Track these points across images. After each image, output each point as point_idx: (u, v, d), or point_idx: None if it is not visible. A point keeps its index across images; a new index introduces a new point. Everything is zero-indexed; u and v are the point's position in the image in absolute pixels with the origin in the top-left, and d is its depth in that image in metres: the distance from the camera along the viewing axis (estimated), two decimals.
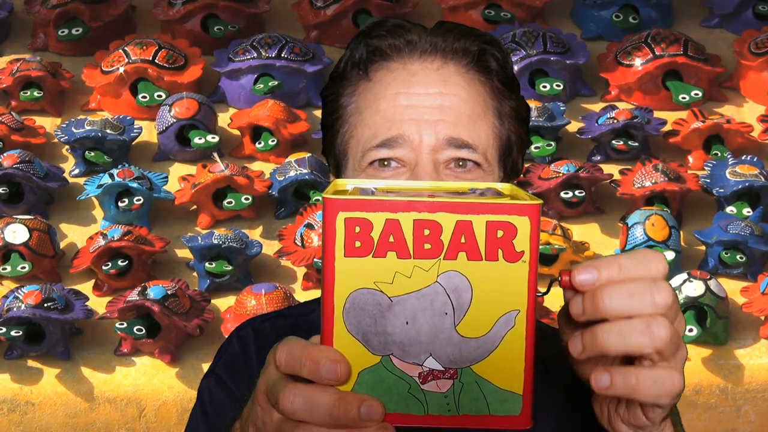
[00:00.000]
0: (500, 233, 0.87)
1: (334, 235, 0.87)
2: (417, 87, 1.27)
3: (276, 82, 4.17)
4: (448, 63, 1.29)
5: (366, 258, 0.87)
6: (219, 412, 1.31)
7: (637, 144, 4.03)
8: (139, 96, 4.18)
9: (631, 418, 0.95)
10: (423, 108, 1.26)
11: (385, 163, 1.26)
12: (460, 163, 1.26)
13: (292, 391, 0.88)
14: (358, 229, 0.87)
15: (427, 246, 0.87)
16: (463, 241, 0.87)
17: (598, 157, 4.08)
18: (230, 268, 3.59)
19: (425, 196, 0.89)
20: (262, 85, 4.18)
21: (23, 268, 3.59)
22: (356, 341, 0.88)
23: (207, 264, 3.61)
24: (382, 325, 0.88)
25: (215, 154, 3.91)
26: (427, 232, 0.87)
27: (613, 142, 4.03)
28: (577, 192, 3.85)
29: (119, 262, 3.59)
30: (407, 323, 0.88)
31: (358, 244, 0.87)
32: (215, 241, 3.60)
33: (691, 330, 3.42)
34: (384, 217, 0.87)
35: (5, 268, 3.59)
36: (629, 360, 0.92)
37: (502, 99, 1.31)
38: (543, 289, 0.96)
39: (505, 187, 1.03)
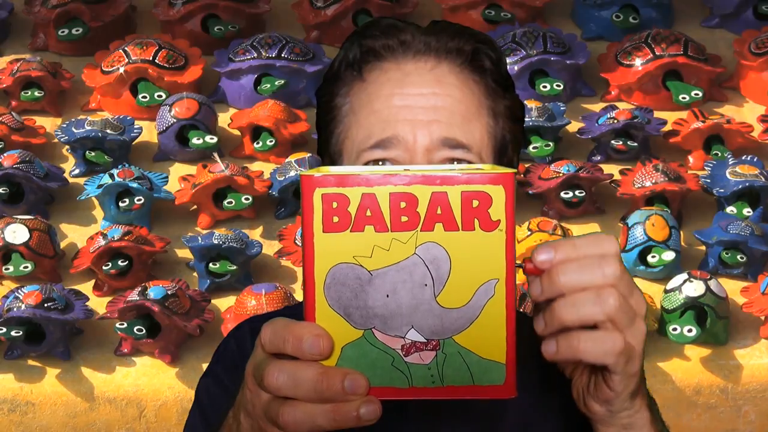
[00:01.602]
0: (476, 203, 0.89)
1: (312, 212, 0.88)
2: (411, 87, 1.27)
3: (281, 82, 4.17)
4: (442, 63, 1.29)
5: (344, 233, 0.88)
6: (217, 411, 1.31)
7: (637, 144, 4.03)
8: (140, 96, 4.18)
9: (598, 392, 1.01)
10: (417, 108, 1.26)
11: (380, 163, 1.26)
12: (455, 163, 1.26)
13: (276, 367, 0.89)
14: (335, 204, 0.88)
15: (404, 218, 0.88)
16: (439, 212, 0.88)
17: (599, 157, 4.08)
18: (234, 267, 3.59)
19: (402, 169, 0.91)
20: (268, 85, 4.18)
21: (26, 267, 3.59)
22: (338, 316, 0.89)
23: (210, 264, 3.61)
24: (363, 299, 0.89)
25: (215, 155, 3.91)
26: (403, 204, 0.88)
27: (613, 142, 4.03)
28: (577, 192, 3.85)
29: (119, 262, 3.59)
30: (388, 296, 0.89)
31: (335, 219, 0.88)
32: (215, 241, 3.60)
33: (690, 330, 3.42)
34: (360, 191, 0.88)
35: (7, 269, 3.59)
36: None
37: (497, 98, 1.31)
38: (519, 262, 0.97)
39: (486, 166, 1.05)
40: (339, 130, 1.31)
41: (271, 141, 4.02)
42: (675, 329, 3.43)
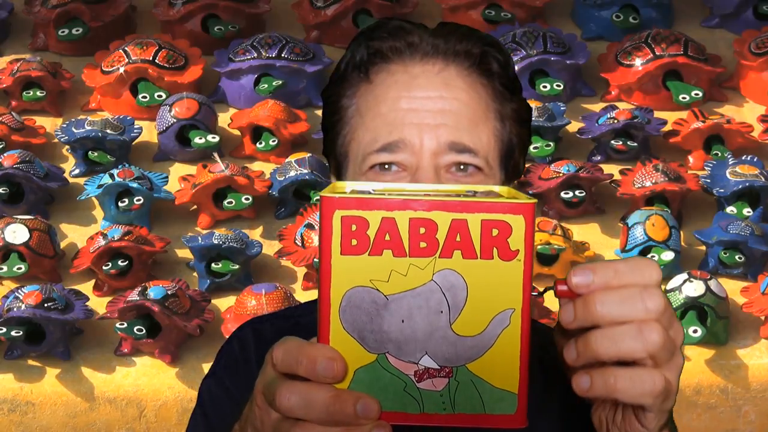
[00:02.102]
0: (495, 232, 0.88)
1: (331, 233, 0.88)
2: (418, 90, 1.26)
3: (280, 82, 4.18)
4: (450, 65, 1.28)
5: (362, 256, 0.88)
6: (219, 413, 1.31)
7: (637, 144, 4.03)
8: (140, 96, 4.18)
9: (627, 425, 0.96)
10: (424, 112, 1.25)
11: (386, 167, 1.26)
12: (462, 167, 1.25)
13: (288, 388, 0.88)
14: (354, 227, 0.87)
15: (422, 244, 0.88)
16: (458, 239, 0.88)
17: (599, 157, 4.08)
18: (236, 267, 3.59)
19: (421, 196, 0.90)
20: (266, 85, 4.19)
21: (19, 269, 3.58)
22: (352, 339, 0.89)
23: (213, 264, 3.61)
24: (378, 324, 0.88)
25: (215, 154, 3.92)
26: (422, 230, 0.88)
27: (613, 142, 4.04)
28: (577, 192, 3.85)
29: (119, 262, 3.59)
30: (403, 321, 0.88)
31: (354, 242, 0.87)
32: (215, 241, 3.60)
33: (695, 331, 3.41)
34: (380, 215, 0.87)
35: (1, 269, 3.59)
36: None
37: (504, 101, 1.30)
38: (541, 288, 0.96)
39: (503, 189, 1.03)
40: (345, 132, 1.31)
41: (273, 141, 4.03)
42: None
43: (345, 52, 1.34)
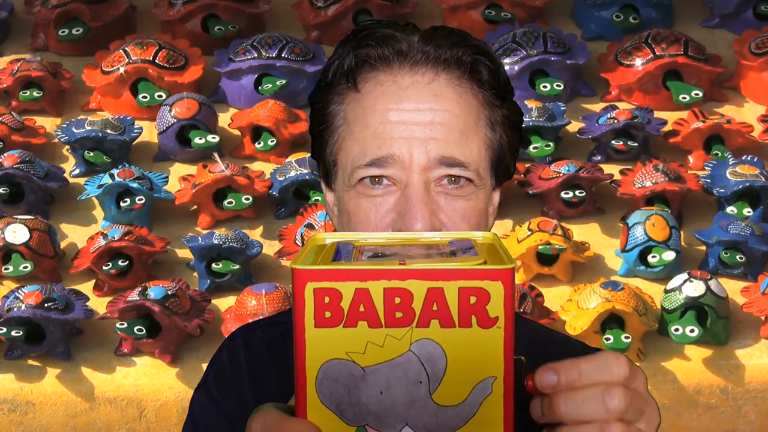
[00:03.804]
0: (473, 299, 0.85)
1: (304, 306, 0.85)
2: (407, 102, 1.23)
3: (283, 82, 4.18)
4: (440, 75, 1.25)
5: (337, 328, 0.85)
6: (208, 426, 1.31)
7: (637, 144, 4.03)
8: (140, 96, 4.18)
9: None
10: (413, 125, 1.22)
11: (376, 180, 1.24)
12: (453, 180, 1.23)
13: None
14: (327, 299, 0.85)
15: (398, 314, 0.85)
16: (435, 308, 0.85)
17: (599, 157, 4.08)
18: (236, 267, 3.59)
19: (396, 261, 0.87)
20: (269, 85, 4.19)
21: (25, 267, 3.59)
22: (330, 413, 0.87)
23: (213, 264, 3.61)
24: (356, 396, 0.86)
25: (215, 155, 3.92)
26: (398, 300, 0.85)
27: (614, 142, 4.03)
28: (577, 192, 3.85)
29: (120, 262, 3.59)
30: (381, 393, 0.86)
31: (328, 314, 0.85)
32: (216, 242, 3.60)
33: (692, 330, 3.42)
34: (353, 286, 0.85)
35: (6, 269, 3.59)
36: None
37: (495, 107, 1.28)
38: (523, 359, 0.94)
39: (486, 236, 1.01)
40: (333, 140, 1.29)
41: (273, 141, 4.03)
42: (677, 329, 3.43)
43: (332, 55, 1.31)
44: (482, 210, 1.26)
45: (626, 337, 3.37)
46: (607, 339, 3.37)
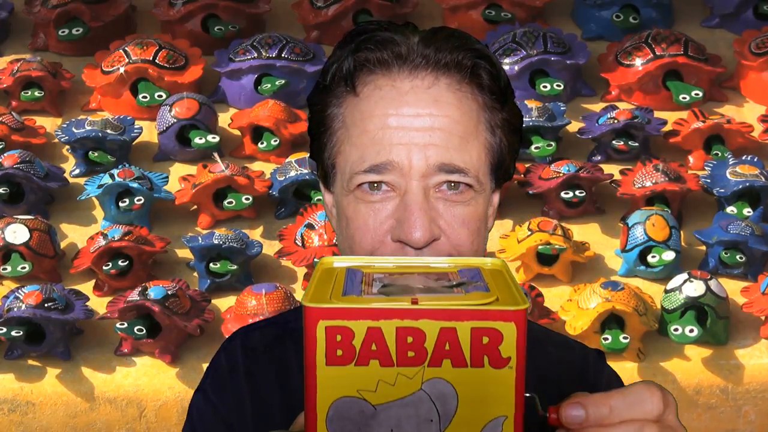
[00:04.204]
0: (485, 339, 0.85)
1: (315, 344, 0.85)
2: (407, 108, 1.21)
3: (283, 81, 4.18)
4: (440, 79, 1.23)
5: (348, 366, 0.85)
6: (206, 430, 1.31)
7: (637, 144, 4.03)
8: (140, 96, 4.18)
9: None
10: (413, 131, 1.21)
11: (375, 185, 1.22)
12: (452, 185, 1.22)
13: None
14: (339, 337, 0.85)
15: (410, 354, 0.85)
16: (447, 348, 0.85)
17: (599, 157, 4.08)
18: (235, 267, 3.59)
19: (408, 298, 0.87)
20: (269, 85, 4.19)
21: (23, 268, 3.59)
22: None
23: (213, 264, 3.61)
24: None
25: (215, 154, 3.92)
26: (410, 339, 0.85)
27: (614, 142, 4.03)
28: (577, 192, 3.85)
29: (120, 262, 3.59)
30: (392, 431, 0.86)
31: (339, 352, 0.85)
32: (216, 242, 3.60)
33: (692, 330, 3.42)
34: (366, 325, 0.85)
35: (6, 269, 3.59)
36: None
37: (495, 111, 1.26)
38: (532, 395, 0.93)
39: (495, 263, 1.00)
40: (332, 144, 1.27)
41: (275, 141, 4.03)
42: (677, 329, 3.43)
43: (330, 56, 1.30)
44: (481, 215, 1.26)
45: (624, 338, 3.37)
46: (606, 339, 3.37)
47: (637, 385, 0.87)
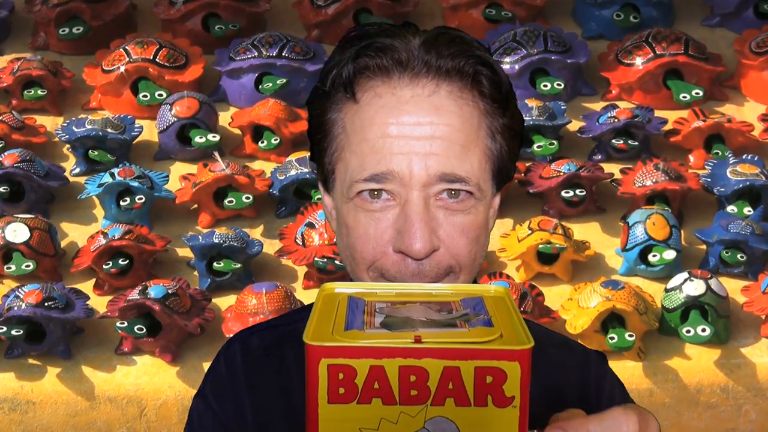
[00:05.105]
0: (489, 378, 0.85)
1: (317, 382, 0.85)
2: (407, 116, 1.20)
3: (284, 80, 4.18)
4: (441, 86, 1.21)
5: (350, 404, 0.85)
6: None
7: (637, 143, 4.03)
8: (140, 95, 4.18)
9: None
10: (413, 140, 1.19)
11: (375, 193, 1.22)
12: (452, 193, 1.22)
13: None
14: (341, 375, 0.85)
15: (413, 392, 0.85)
16: (450, 387, 0.85)
17: (599, 156, 4.08)
18: (238, 266, 3.59)
19: (411, 334, 0.87)
20: (270, 84, 4.19)
21: (27, 266, 3.59)
22: None
23: (213, 263, 3.61)
24: None
25: (216, 153, 3.92)
26: (413, 378, 0.85)
27: (614, 141, 4.03)
28: (577, 191, 3.85)
29: (120, 261, 3.59)
30: None
31: (341, 390, 0.85)
32: (216, 240, 3.60)
33: (704, 330, 3.40)
34: (368, 363, 0.84)
35: (9, 267, 3.59)
36: None
37: (495, 116, 1.25)
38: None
39: (498, 290, 1.00)
40: (332, 149, 1.27)
41: (275, 140, 4.03)
42: (689, 331, 3.41)
43: (329, 59, 1.29)
44: (481, 223, 1.25)
45: (630, 336, 3.36)
46: (612, 338, 3.36)
47: (614, 410, 0.88)
